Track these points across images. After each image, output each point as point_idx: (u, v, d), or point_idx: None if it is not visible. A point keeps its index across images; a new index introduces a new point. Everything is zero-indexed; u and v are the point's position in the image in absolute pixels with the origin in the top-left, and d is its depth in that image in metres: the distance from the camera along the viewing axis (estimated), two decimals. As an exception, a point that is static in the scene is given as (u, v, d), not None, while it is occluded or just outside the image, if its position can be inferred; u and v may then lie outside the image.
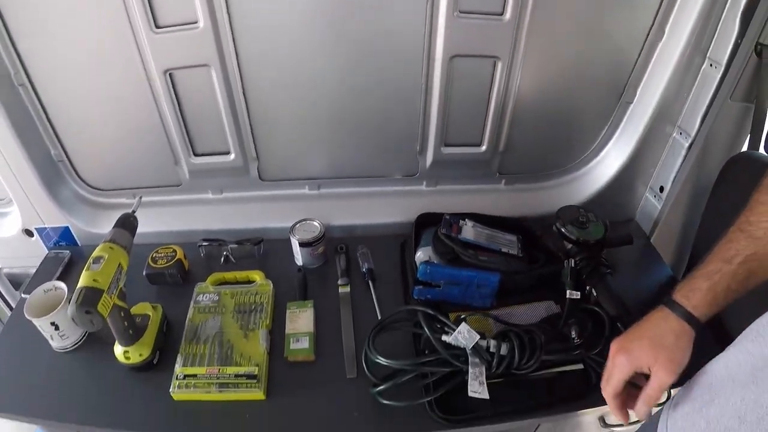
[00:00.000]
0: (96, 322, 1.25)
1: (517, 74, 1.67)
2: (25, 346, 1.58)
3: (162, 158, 1.83)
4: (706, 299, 0.99)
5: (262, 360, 1.46)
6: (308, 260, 1.80)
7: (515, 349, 1.33)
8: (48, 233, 1.93)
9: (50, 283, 1.59)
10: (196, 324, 1.57)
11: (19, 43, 1.54)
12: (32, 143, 1.70)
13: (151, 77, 1.61)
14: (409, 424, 1.35)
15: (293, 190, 1.98)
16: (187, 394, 1.40)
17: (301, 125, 1.79)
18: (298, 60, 1.62)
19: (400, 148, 1.86)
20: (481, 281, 1.54)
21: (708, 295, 0.99)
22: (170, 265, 1.73)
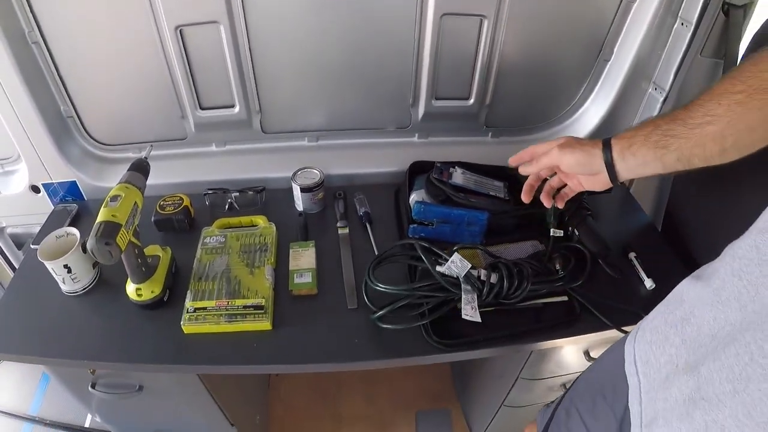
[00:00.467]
0: (114, 254, 1.28)
1: (501, 32, 1.71)
2: (36, 291, 1.61)
3: (169, 113, 1.86)
4: (626, 135, 1.11)
5: (268, 293, 1.50)
6: (308, 205, 1.83)
7: (504, 279, 1.37)
8: (55, 188, 1.94)
9: (62, 230, 1.61)
10: (204, 263, 1.60)
11: (34, 2, 1.56)
12: (43, 100, 1.72)
13: (163, 34, 1.64)
14: (407, 349, 1.40)
15: (293, 141, 2.02)
16: (197, 326, 1.44)
17: (302, 80, 1.82)
18: (300, 18, 1.65)
19: (394, 101, 1.90)
20: (471, 219, 1.58)
21: (629, 133, 1.11)
22: (178, 211, 1.76)
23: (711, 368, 0.78)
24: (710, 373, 0.78)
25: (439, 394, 2.67)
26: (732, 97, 0.95)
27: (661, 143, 1.04)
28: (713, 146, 0.99)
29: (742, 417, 0.71)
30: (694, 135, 1.00)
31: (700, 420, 0.78)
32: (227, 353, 1.42)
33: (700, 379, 0.80)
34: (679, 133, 1.02)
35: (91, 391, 1.60)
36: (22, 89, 1.65)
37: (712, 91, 0.99)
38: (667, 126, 1.04)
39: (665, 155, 1.05)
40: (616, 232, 1.72)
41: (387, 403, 2.62)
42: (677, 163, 1.05)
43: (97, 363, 1.46)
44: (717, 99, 0.97)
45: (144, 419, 1.90)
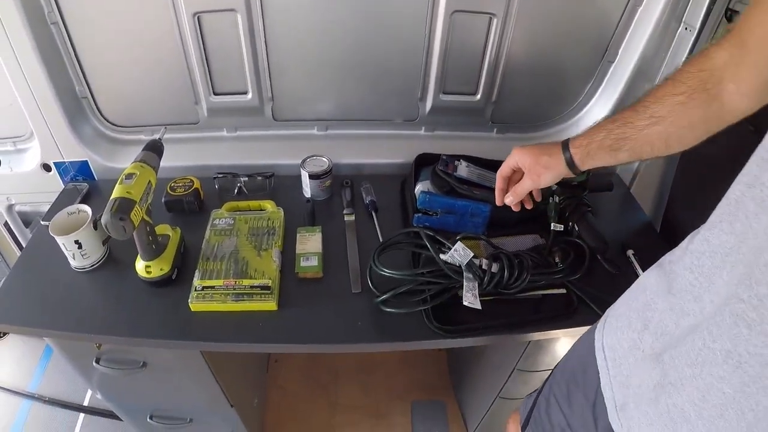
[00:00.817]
0: (128, 229, 1.31)
1: (510, 30, 1.74)
2: (44, 267, 1.64)
3: (183, 97, 1.89)
4: (583, 145, 1.21)
5: (274, 275, 1.53)
6: (316, 192, 1.86)
7: (505, 269, 1.40)
8: (66, 167, 1.97)
9: (74, 206, 1.64)
10: (212, 244, 1.63)
11: (55, -17, 1.59)
12: (59, 80, 1.75)
13: (180, 19, 1.67)
14: (408, 333, 1.43)
15: (303, 130, 2.05)
16: (205, 304, 1.47)
17: (314, 70, 1.86)
18: (315, 9, 1.69)
19: (403, 94, 1.94)
20: (474, 210, 1.62)
21: (585, 140, 1.21)
22: (188, 193, 1.79)
23: (673, 354, 0.83)
24: (672, 359, 0.83)
25: (434, 385, 2.69)
26: (674, 99, 1.04)
27: (614, 147, 1.15)
28: (659, 143, 1.09)
29: (698, 401, 0.77)
30: (642, 135, 1.10)
31: (663, 404, 0.83)
32: (232, 331, 1.45)
33: (665, 365, 0.85)
34: (629, 135, 1.12)
35: (95, 366, 1.62)
36: (39, 68, 1.68)
37: (655, 93, 1.08)
38: (619, 130, 1.14)
39: (618, 154, 1.16)
40: (615, 230, 1.75)
41: (383, 393, 2.65)
42: (628, 159, 1.17)
43: (104, 337, 1.48)
44: (660, 101, 1.07)
45: (145, 397, 1.92)
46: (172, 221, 1.73)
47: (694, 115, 1.03)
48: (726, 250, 0.75)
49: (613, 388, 0.99)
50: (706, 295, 0.79)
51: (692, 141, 1.07)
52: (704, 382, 0.76)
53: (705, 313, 0.78)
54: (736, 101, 0.97)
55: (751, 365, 0.69)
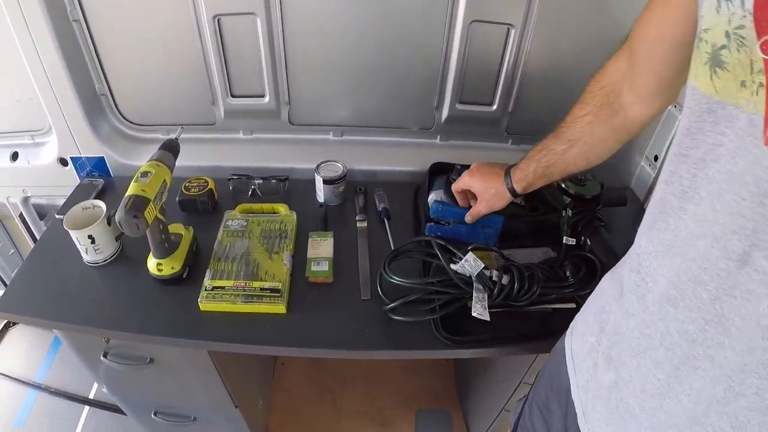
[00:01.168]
0: (141, 227, 1.32)
1: (527, 42, 1.75)
2: (57, 260, 1.65)
3: (200, 98, 1.91)
4: (521, 176, 1.40)
5: (285, 278, 1.53)
6: (329, 197, 1.87)
7: (515, 281, 1.40)
8: (83, 162, 1.99)
9: (88, 201, 1.65)
10: (224, 245, 1.64)
11: (77, -20, 1.61)
12: (79, 76, 1.77)
13: (201, 21, 1.69)
14: (416, 342, 1.42)
15: (319, 135, 2.06)
16: (214, 304, 1.48)
17: (331, 75, 1.86)
18: (334, 15, 1.70)
19: (419, 102, 1.94)
20: (486, 222, 1.60)
21: (522, 174, 1.39)
22: (202, 193, 1.80)
23: (619, 350, 0.87)
24: (619, 354, 0.87)
25: (440, 395, 2.68)
26: (583, 120, 1.20)
27: (545, 173, 1.35)
28: (580, 161, 1.27)
29: (639, 393, 0.80)
30: (564, 159, 1.28)
31: (614, 401, 0.87)
32: (240, 332, 1.45)
33: (615, 362, 0.88)
34: (554, 161, 1.31)
35: (103, 360, 1.63)
36: (60, 64, 1.70)
37: (570, 116, 1.25)
38: (545, 159, 1.32)
39: (552, 177, 1.37)
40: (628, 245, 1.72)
41: (388, 401, 2.64)
42: (560, 177, 1.37)
43: (113, 332, 1.49)
44: (572, 125, 1.23)
45: (150, 393, 1.93)
46: (185, 220, 1.73)
47: (603, 131, 1.17)
48: (665, 247, 0.77)
49: (579, 394, 1.01)
50: (649, 295, 0.81)
51: (607, 152, 1.23)
52: (644, 371, 0.79)
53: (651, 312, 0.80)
54: (637, 110, 1.08)
55: (679, 345, 0.72)
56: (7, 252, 2.57)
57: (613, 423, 0.87)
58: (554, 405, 1.12)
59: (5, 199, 2.21)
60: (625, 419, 0.84)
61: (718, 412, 0.67)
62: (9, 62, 1.75)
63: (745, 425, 0.64)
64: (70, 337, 1.65)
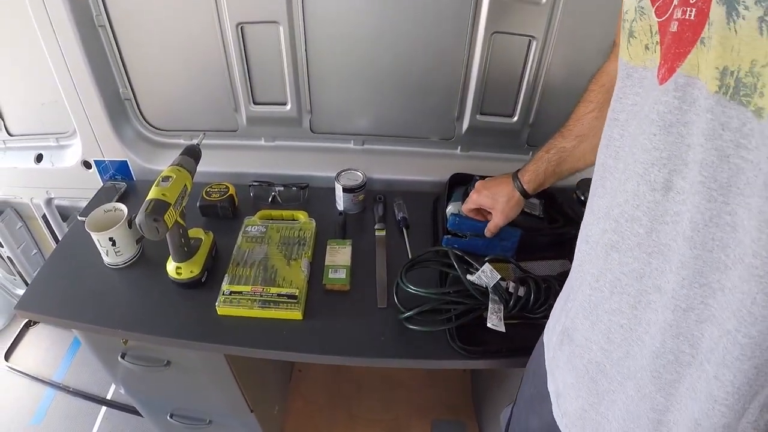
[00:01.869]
0: (161, 231, 1.34)
1: (549, 54, 1.75)
2: (78, 261, 1.68)
3: (223, 104, 1.93)
4: (531, 176, 1.43)
5: (302, 285, 1.54)
6: (349, 206, 1.88)
7: (532, 293, 1.40)
8: (106, 166, 2.02)
9: (110, 204, 1.68)
10: (243, 250, 1.66)
11: (104, -13, 1.64)
12: (104, 81, 1.80)
13: (224, 29, 1.71)
14: (431, 352, 1.42)
15: (340, 143, 2.07)
16: (231, 309, 1.49)
17: (353, 85, 1.87)
18: (356, 25, 1.71)
19: (440, 113, 1.94)
20: (504, 235, 1.60)
21: (533, 174, 1.43)
22: (223, 199, 1.82)
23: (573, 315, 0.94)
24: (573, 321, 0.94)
25: (456, 406, 2.67)
26: (589, 116, 1.26)
27: (556, 171, 1.39)
28: (590, 156, 1.26)
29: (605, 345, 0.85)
30: (574, 155, 1.33)
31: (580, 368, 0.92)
32: (257, 337, 1.46)
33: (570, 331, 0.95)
34: (564, 157, 1.35)
35: (121, 361, 1.65)
36: (85, 69, 1.74)
37: (574, 116, 1.32)
38: (555, 157, 1.37)
39: (561, 175, 1.40)
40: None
41: (403, 410, 2.64)
42: (569, 174, 1.40)
43: (131, 333, 1.51)
44: (580, 121, 1.29)
45: (166, 395, 1.94)
46: (205, 225, 1.75)
47: None
48: (604, 210, 0.82)
49: (554, 380, 1.05)
50: (593, 252, 0.86)
51: None
52: (603, 326, 0.84)
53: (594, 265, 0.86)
54: None
55: (631, 285, 0.76)
56: (30, 252, 2.60)
57: (584, 391, 0.91)
58: (534, 397, 1.15)
59: (29, 200, 2.25)
60: (595, 380, 0.87)
61: (673, 335, 0.70)
62: (35, 65, 1.79)
63: (699, 340, 0.67)
64: (88, 338, 1.67)
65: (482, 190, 1.54)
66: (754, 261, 0.57)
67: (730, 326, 0.62)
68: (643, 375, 0.77)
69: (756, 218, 0.56)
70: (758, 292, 0.58)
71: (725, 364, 0.64)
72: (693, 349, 0.68)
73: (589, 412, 0.90)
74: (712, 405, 0.67)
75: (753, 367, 0.62)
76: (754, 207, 0.56)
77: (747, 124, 0.55)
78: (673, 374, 0.72)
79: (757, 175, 0.55)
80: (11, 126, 2.11)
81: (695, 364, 0.69)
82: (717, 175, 0.59)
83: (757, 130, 0.54)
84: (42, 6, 1.60)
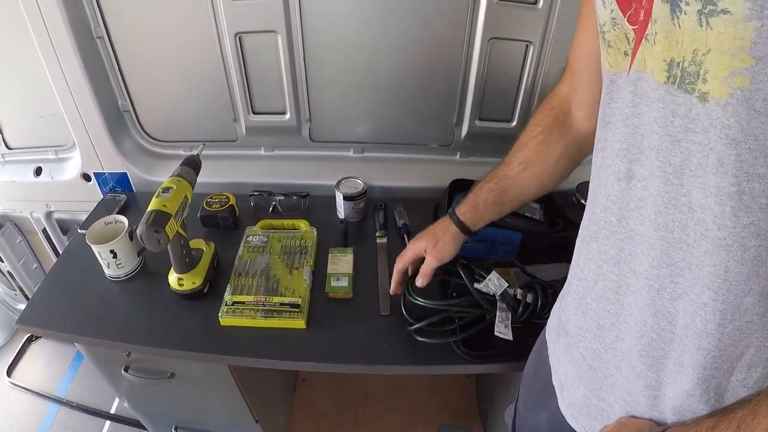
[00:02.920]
0: (162, 242, 1.34)
1: (546, 58, 1.75)
2: (79, 274, 1.68)
3: (222, 115, 1.93)
4: (468, 208, 1.32)
5: (304, 294, 1.54)
6: (350, 213, 1.88)
7: (539, 299, 1.40)
8: (106, 178, 2.02)
9: (111, 216, 1.68)
10: (245, 260, 1.65)
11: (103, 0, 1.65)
12: (102, 93, 1.81)
13: (222, 39, 1.71)
14: (436, 358, 1.42)
15: (339, 151, 2.07)
16: (234, 319, 1.49)
17: (352, 93, 1.88)
18: (354, 33, 1.72)
19: (439, 119, 1.94)
20: (504, 239, 1.61)
21: (471, 207, 1.32)
22: (223, 209, 1.82)
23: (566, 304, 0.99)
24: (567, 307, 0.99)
25: (461, 411, 2.66)
26: (535, 140, 1.20)
27: (498, 201, 1.28)
28: (535, 183, 1.24)
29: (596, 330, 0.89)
30: (518, 182, 1.24)
31: (577, 356, 0.96)
32: (260, 347, 1.45)
33: (564, 323, 1.01)
34: (507, 186, 1.26)
35: (124, 375, 1.64)
36: (84, 81, 1.74)
37: (519, 143, 1.25)
38: (497, 186, 1.27)
39: (503, 207, 1.31)
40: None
41: (409, 417, 2.63)
42: (512, 208, 1.31)
43: (134, 346, 1.51)
44: (525, 147, 1.23)
45: (171, 408, 1.94)
46: (206, 236, 1.74)
47: (557, 150, 1.18)
48: (589, 206, 0.90)
49: (556, 374, 1.07)
50: (581, 252, 0.93)
51: (560, 173, 1.22)
52: (593, 313, 0.89)
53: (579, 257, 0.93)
54: (585, 126, 1.11)
55: (611, 271, 0.82)
56: (30, 267, 2.60)
57: (584, 379, 0.94)
58: (546, 390, 1.14)
59: (29, 214, 2.25)
60: (593, 367, 0.91)
61: (652, 315, 0.76)
62: (33, 78, 1.79)
63: (675, 316, 0.72)
64: (91, 351, 1.67)
65: (418, 237, 1.42)
66: (720, 233, 0.62)
67: (705, 299, 0.66)
68: (633, 355, 0.80)
69: (714, 194, 0.61)
70: (730, 260, 0.63)
71: (707, 333, 0.68)
72: (671, 325, 0.74)
73: (591, 399, 0.93)
74: (701, 372, 0.71)
75: (735, 329, 0.66)
76: (711, 185, 0.61)
77: (693, 109, 0.60)
78: (659, 351, 0.77)
79: (708, 155, 0.60)
80: (10, 139, 2.11)
81: (677, 340, 0.73)
82: (671, 159, 0.65)
83: (703, 113, 0.59)
84: (39, 18, 1.60)
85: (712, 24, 0.54)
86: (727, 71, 0.55)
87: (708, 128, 0.59)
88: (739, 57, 0.53)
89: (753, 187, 0.58)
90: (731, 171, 0.58)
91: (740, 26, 0.52)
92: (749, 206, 0.58)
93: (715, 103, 0.57)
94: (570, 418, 1.00)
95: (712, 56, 0.56)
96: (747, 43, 0.52)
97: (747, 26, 0.51)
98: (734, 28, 0.52)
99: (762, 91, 0.53)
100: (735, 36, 0.53)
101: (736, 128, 0.56)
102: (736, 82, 0.54)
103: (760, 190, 0.57)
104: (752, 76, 0.53)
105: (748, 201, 0.58)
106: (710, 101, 0.57)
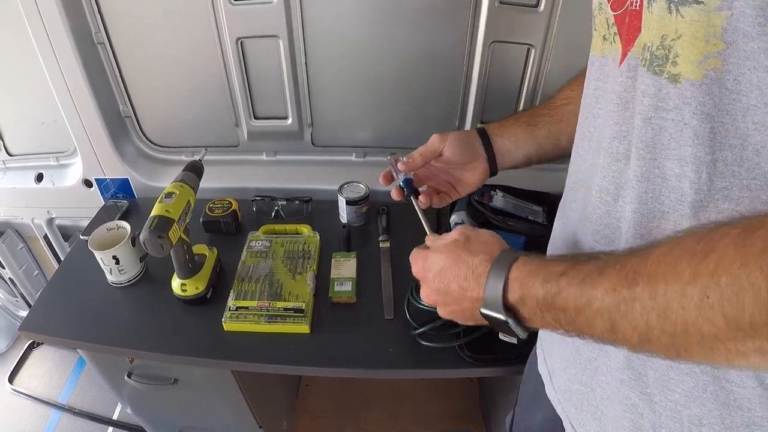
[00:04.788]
0: (165, 247, 1.34)
1: (548, 61, 1.75)
2: (82, 280, 1.68)
3: (224, 120, 1.93)
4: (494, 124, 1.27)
5: (308, 299, 1.53)
6: (352, 218, 1.87)
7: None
8: (107, 184, 2.02)
9: (113, 222, 1.67)
10: (248, 266, 1.65)
11: (103, 5, 1.65)
12: (104, 99, 1.81)
13: (224, 44, 1.71)
14: (439, 361, 1.42)
15: (341, 156, 2.07)
16: (238, 324, 1.49)
17: (353, 97, 1.88)
18: (355, 38, 1.72)
19: (441, 122, 1.93)
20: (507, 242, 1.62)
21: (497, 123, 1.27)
22: (226, 214, 1.81)
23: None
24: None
25: (465, 415, 2.66)
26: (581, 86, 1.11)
27: (531, 122, 1.21)
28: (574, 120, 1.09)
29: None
30: (557, 113, 1.18)
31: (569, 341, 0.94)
32: (264, 352, 1.45)
33: None
34: (544, 112, 1.20)
35: (127, 381, 1.65)
36: (84, 87, 1.74)
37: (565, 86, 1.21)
38: (533, 110, 1.23)
39: (535, 131, 1.20)
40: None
41: (412, 421, 2.62)
42: (546, 140, 1.20)
43: (137, 352, 1.50)
44: (570, 86, 1.19)
45: (174, 414, 1.94)
46: (209, 241, 1.74)
47: None
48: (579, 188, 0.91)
49: (544, 363, 1.10)
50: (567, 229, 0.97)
51: None
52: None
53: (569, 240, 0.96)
54: None
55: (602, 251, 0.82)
56: (32, 273, 2.60)
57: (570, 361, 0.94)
58: (540, 390, 1.13)
59: (30, 221, 2.25)
60: (579, 351, 0.91)
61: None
62: (34, 84, 1.79)
63: None
64: (94, 357, 1.66)
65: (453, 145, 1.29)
66: (697, 197, 0.64)
67: None
68: None
69: (692, 163, 0.63)
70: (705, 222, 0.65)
71: None
72: None
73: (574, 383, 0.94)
74: None
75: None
76: (688, 155, 0.64)
77: (662, 90, 0.64)
78: None
79: (683, 130, 0.63)
80: (11, 146, 2.11)
81: None
82: (643, 136, 0.68)
83: (674, 93, 0.63)
84: (40, 24, 1.61)
85: (683, 12, 0.59)
86: (702, 55, 0.59)
87: (681, 106, 0.63)
88: (713, 42, 0.58)
89: (726, 156, 0.61)
90: (707, 142, 0.62)
91: (713, 15, 0.56)
92: (723, 172, 0.62)
93: (690, 83, 0.61)
94: (556, 404, 1.01)
95: (684, 41, 0.60)
96: (719, 30, 0.57)
97: (719, 15, 0.56)
98: (708, 17, 0.57)
99: (732, 72, 0.58)
100: (709, 24, 0.57)
101: (710, 104, 0.60)
102: (710, 64, 0.59)
103: (732, 158, 0.60)
104: (724, 59, 0.58)
105: (722, 168, 0.62)
106: (683, 82, 0.61)
